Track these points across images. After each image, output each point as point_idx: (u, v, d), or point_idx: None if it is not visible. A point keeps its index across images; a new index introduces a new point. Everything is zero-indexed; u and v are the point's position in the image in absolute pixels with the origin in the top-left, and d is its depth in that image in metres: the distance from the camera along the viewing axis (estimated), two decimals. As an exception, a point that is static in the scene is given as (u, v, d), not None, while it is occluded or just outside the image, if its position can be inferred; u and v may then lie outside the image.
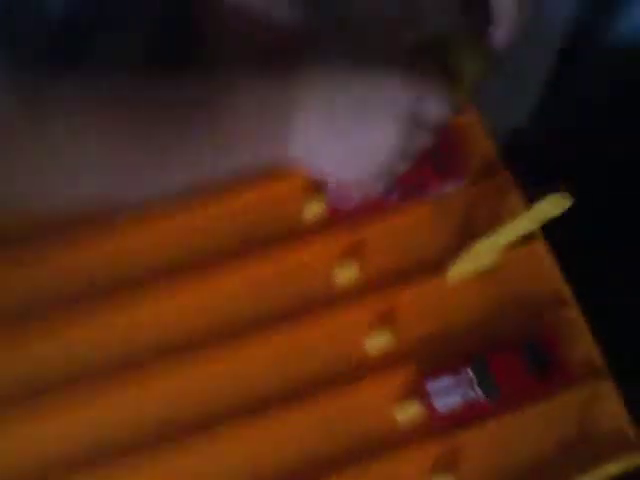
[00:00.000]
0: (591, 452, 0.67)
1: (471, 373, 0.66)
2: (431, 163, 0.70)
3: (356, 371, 0.66)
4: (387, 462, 0.64)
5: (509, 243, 0.67)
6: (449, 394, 0.66)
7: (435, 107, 0.58)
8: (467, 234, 0.70)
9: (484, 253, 0.68)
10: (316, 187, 0.70)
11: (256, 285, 0.67)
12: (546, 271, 0.71)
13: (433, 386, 0.66)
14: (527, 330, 0.69)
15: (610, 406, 0.68)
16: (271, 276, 0.68)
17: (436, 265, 0.70)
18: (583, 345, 0.70)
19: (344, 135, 0.57)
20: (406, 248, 0.70)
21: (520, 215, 0.66)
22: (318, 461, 0.64)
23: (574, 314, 0.70)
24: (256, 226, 0.69)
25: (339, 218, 0.69)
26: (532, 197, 0.65)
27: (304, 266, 0.69)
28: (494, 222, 0.70)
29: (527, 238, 0.70)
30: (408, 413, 0.66)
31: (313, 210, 0.69)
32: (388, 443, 0.65)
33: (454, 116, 0.70)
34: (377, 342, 0.67)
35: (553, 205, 0.62)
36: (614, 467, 0.65)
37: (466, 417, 0.66)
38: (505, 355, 0.67)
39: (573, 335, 0.70)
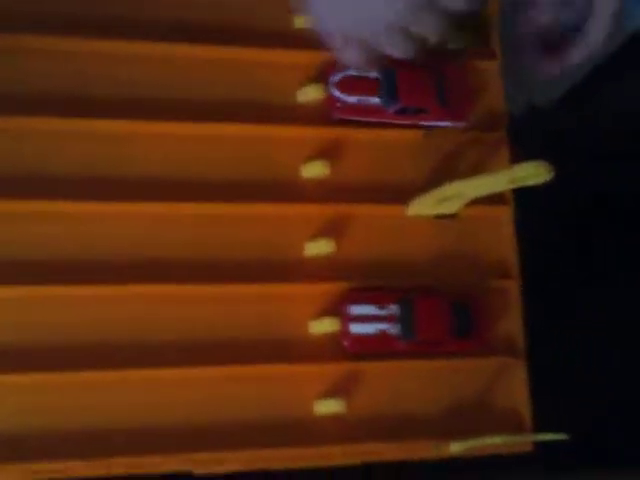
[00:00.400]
0: (480, 422, 0.68)
1: (396, 309, 0.66)
2: (437, 95, 0.68)
3: (288, 271, 0.66)
4: (287, 369, 0.65)
5: (477, 197, 0.66)
6: (367, 322, 0.66)
7: None
8: (446, 176, 0.69)
9: (450, 198, 0.67)
10: (318, 74, 0.68)
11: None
12: (503, 239, 0.71)
13: (355, 310, 0.66)
14: (462, 288, 0.69)
15: (515, 386, 0.69)
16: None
17: (402, 193, 0.68)
18: (511, 321, 0.70)
19: None
20: (382, 165, 0.69)
21: (496, 172, 0.65)
22: (221, 344, 0.64)
23: (514, 289, 0.70)
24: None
25: (333, 108, 0.67)
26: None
27: (273, 154, 0.67)
28: (474, 173, 0.69)
29: (497, 201, 0.70)
30: (322, 328, 0.65)
31: (309, 94, 0.67)
32: (294, 350, 0.65)
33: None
34: (316, 247, 0.66)
35: (532, 172, 0.60)
36: (498, 439, 0.66)
37: (375, 349, 0.66)
38: (433, 303, 0.67)
39: (505, 308, 0.70)
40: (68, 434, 0.60)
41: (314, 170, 0.67)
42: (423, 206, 0.68)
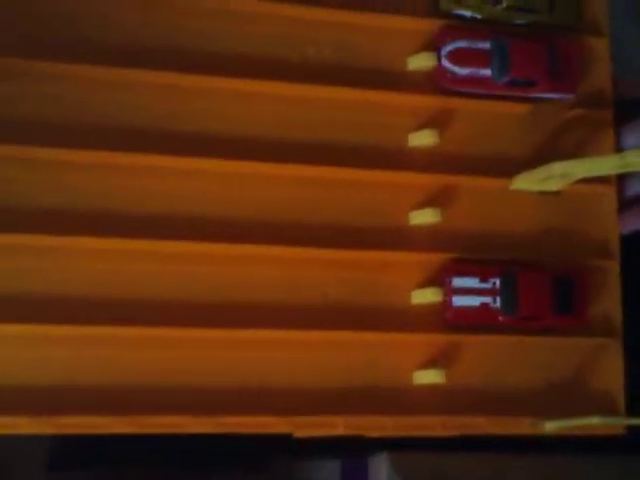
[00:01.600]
0: (574, 402, 0.68)
1: (498, 284, 0.66)
2: (549, 67, 0.67)
3: (393, 238, 0.65)
4: (388, 338, 0.64)
5: (584, 177, 0.66)
6: (469, 295, 0.65)
7: None
8: (551, 151, 0.68)
9: (556, 176, 0.66)
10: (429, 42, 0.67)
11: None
12: (605, 218, 0.70)
13: (457, 282, 0.65)
14: (565, 264, 0.68)
15: (611, 368, 0.69)
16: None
17: (508, 165, 0.68)
18: (609, 301, 0.69)
19: None
20: (489, 136, 0.68)
21: (606, 156, 0.65)
22: (325, 309, 0.64)
23: (614, 270, 0.70)
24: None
25: (443, 79, 0.67)
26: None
27: (380, 121, 0.66)
28: (578, 150, 0.69)
29: (601, 180, 0.69)
30: (424, 298, 0.65)
31: (419, 62, 0.67)
32: (395, 318, 0.65)
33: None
34: (421, 216, 0.65)
35: None
36: (593, 420, 0.65)
37: (476, 322, 0.66)
38: (536, 278, 0.66)
39: (605, 288, 0.69)
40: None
41: (421, 139, 0.66)
42: (528, 181, 0.67)
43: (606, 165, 0.64)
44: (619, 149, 0.70)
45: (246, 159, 0.63)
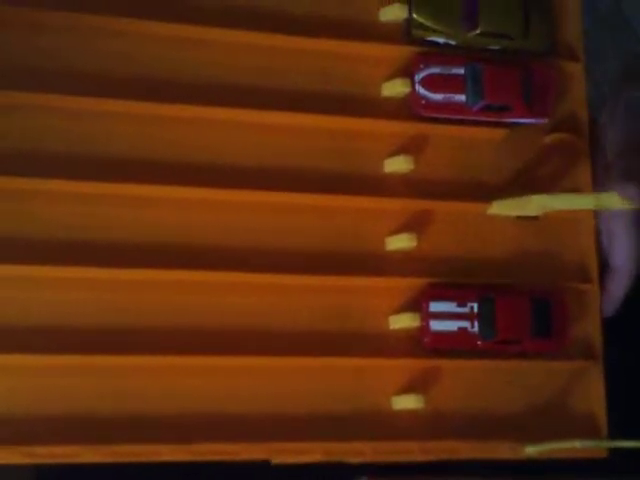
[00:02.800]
0: (555, 425, 0.68)
1: (476, 309, 0.66)
2: (523, 92, 0.68)
3: (369, 264, 0.65)
4: (366, 363, 0.64)
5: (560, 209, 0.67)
6: (447, 320, 0.66)
7: None
8: (527, 176, 0.69)
9: (534, 205, 0.67)
10: (403, 69, 0.68)
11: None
12: (584, 242, 0.70)
13: (435, 307, 0.66)
14: (543, 288, 0.68)
15: (592, 390, 0.69)
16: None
17: (484, 190, 0.68)
18: (589, 324, 0.69)
19: None
20: (465, 161, 0.69)
21: (585, 193, 0.68)
22: (301, 334, 0.64)
23: (593, 293, 0.70)
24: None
25: (417, 105, 0.67)
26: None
27: (356, 147, 0.67)
28: (554, 175, 0.69)
29: (581, 206, 0.70)
30: (401, 323, 0.65)
31: (393, 89, 0.67)
32: (373, 344, 0.65)
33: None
34: (398, 242, 0.66)
35: (618, 200, 0.63)
36: (575, 443, 0.65)
37: (454, 346, 0.66)
38: (514, 302, 0.67)
39: (584, 311, 0.69)
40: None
41: (397, 165, 0.66)
42: (506, 207, 0.68)
43: (582, 202, 0.65)
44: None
45: (228, 187, 0.64)
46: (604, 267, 0.72)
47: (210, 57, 0.64)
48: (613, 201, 0.63)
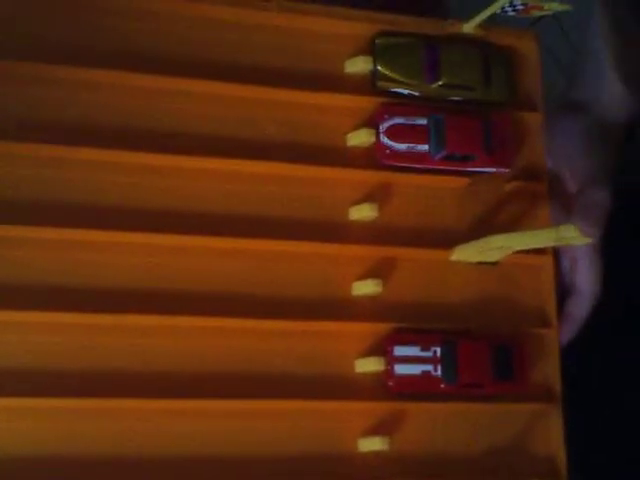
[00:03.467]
0: (516, 466, 0.69)
1: (439, 353, 0.67)
2: (484, 142, 0.70)
3: (335, 309, 0.67)
4: (332, 406, 0.66)
5: (522, 249, 0.68)
6: (411, 364, 0.67)
7: None
8: (489, 223, 0.71)
9: (495, 248, 0.69)
10: (367, 119, 0.70)
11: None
12: (543, 287, 0.72)
13: (400, 351, 0.67)
14: (504, 332, 0.70)
15: (551, 432, 0.70)
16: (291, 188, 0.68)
17: (447, 237, 0.70)
18: (548, 367, 0.71)
19: None
20: (427, 209, 0.71)
21: (542, 229, 0.68)
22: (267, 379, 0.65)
23: (552, 337, 0.72)
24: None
25: (382, 154, 0.69)
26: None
27: (323, 195, 0.69)
28: (515, 222, 0.72)
29: (539, 252, 0.71)
30: (367, 367, 0.67)
31: (358, 139, 0.69)
32: (339, 387, 0.66)
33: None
34: (364, 287, 0.67)
35: (576, 234, 0.63)
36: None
37: (418, 390, 0.67)
38: (475, 346, 0.68)
39: (543, 354, 0.71)
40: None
41: (361, 212, 0.68)
42: (468, 253, 0.69)
43: (542, 238, 0.67)
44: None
45: (198, 234, 0.65)
46: (564, 292, 0.74)
47: (183, 107, 0.66)
48: (571, 235, 0.63)
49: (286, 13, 0.69)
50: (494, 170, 0.71)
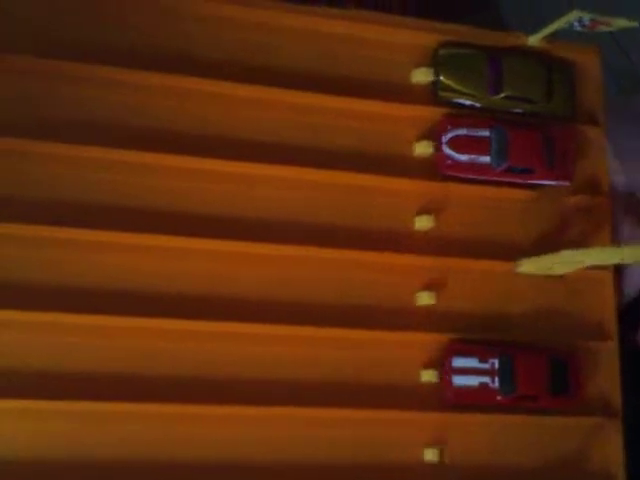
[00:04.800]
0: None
1: (497, 365, 0.67)
2: (545, 156, 0.70)
3: (399, 318, 0.67)
4: (395, 415, 0.66)
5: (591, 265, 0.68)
6: (469, 375, 0.67)
7: None
8: (549, 235, 0.71)
9: (564, 261, 0.68)
10: (431, 130, 0.70)
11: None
12: (604, 301, 0.72)
13: (457, 362, 0.67)
14: (560, 345, 0.70)
15: (610, 448, 0.70)
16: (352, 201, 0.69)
17: (508, 249, 0.70)
18: (607, 382, 0.71)
19: None
20: (489, 221, 0.71)
21: (614, 246, 0.69)
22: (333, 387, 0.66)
23: (611, 350, 0.71)
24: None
25: (443, 165, 0.69)
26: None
27: (388, 203, 0.69)
28: (577, 236, 0.72)
29: (599, 266, 0.71)
30: (425, 378, 0.67)
31: (424, 149, 0.69)
32: (400, 397, 0.66)
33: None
34: (428, 298, 0.67)
35: None
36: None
37: (475, 402, 0.67)
38: (533, 359, 0.68)
39: (603, 369, 0.71)
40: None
41: (426, 223, 0.68)
42: (535, 266, 0.69)
43: (611, 256, 0.66)
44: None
45: (248, 240, 0.65)
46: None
47: (256, 114, 0.67)
48: (638, 254, 0.63)
49: (357, 22, 0.69)
50: (555, 183, 0.71)
